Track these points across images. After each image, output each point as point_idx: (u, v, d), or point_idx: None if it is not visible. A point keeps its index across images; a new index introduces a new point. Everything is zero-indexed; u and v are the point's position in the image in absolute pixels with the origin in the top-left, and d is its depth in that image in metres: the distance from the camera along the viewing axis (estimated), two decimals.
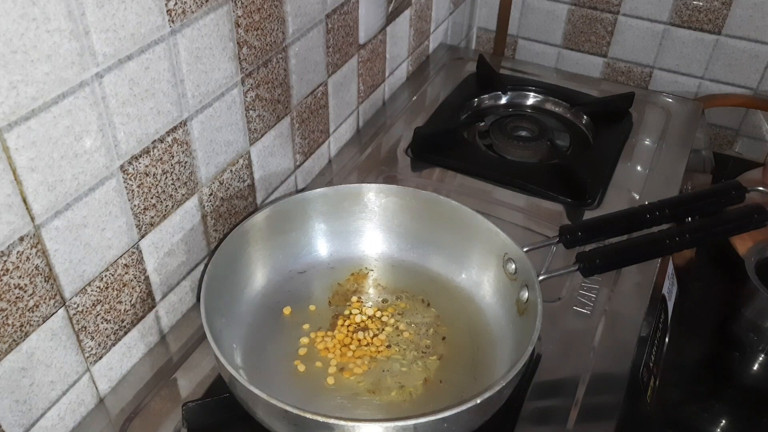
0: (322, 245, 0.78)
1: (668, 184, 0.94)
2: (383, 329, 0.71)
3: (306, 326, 0.71)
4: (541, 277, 0.65)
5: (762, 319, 0.93)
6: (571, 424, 0.64)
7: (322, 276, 0.76)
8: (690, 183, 0.99)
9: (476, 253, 0.74)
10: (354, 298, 0.74)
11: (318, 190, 0.76)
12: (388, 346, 0.69)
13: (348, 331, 0.70)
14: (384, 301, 0.74)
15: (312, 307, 0.73)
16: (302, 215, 0.75)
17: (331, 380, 0.66)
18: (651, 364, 0.76)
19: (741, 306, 0.95)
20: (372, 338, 0.70)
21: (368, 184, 0.77)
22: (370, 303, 0.74)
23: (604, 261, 0.66)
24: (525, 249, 0.68)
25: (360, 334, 0.70)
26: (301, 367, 0.67)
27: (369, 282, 0.76)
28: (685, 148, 1.01)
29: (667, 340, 0.84)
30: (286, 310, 0.72)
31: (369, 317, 0.72)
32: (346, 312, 0.72)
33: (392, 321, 0.72)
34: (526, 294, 0.66)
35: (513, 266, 0.69)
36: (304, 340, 0.70)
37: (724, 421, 0.93)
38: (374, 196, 0.77)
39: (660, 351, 0.81)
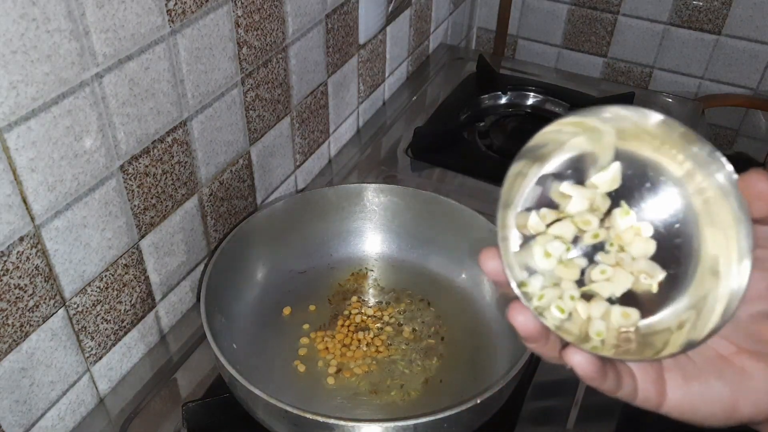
0: (321, 245, 0.78)
1: None
2: (383, 329, 0.71)
3: (306, 326, 0.71)
4: None
5: None
6: (571, 424, 0.64)
7: (322, 276, 0.76)
8: None
9: (476, 253, 0.73)
10: (354, 298, 0.74)
11: (318, 190, 0.76)
12: (388, 347, 0.69)
13: (348, 331, 0.70)
14: (384, 301, 0.74)
15: (312, 307, 0.73)
16: (302, 215, 0.75)
17: (331, 380, 0.66)
18: None
19: None
20: (372, 338, 0.70)
21: (368, 184, 0.77)
22: (370, 303, 0.74)
23: None
24: None
25: (360, 334, 0.70)
26: (301, 367, 0.67)
27: (369, 282, 0.76)
28: None
29: None
30: (286, 310, 0.72)
31: (369, 317, 0.72)
32: (346, 312, 0.72)
33: (392, 321, 0.72)
34: None
35: None
36: (304, 340, 0.70)
37: None
38: (374, 196, 0.77)
39: None
